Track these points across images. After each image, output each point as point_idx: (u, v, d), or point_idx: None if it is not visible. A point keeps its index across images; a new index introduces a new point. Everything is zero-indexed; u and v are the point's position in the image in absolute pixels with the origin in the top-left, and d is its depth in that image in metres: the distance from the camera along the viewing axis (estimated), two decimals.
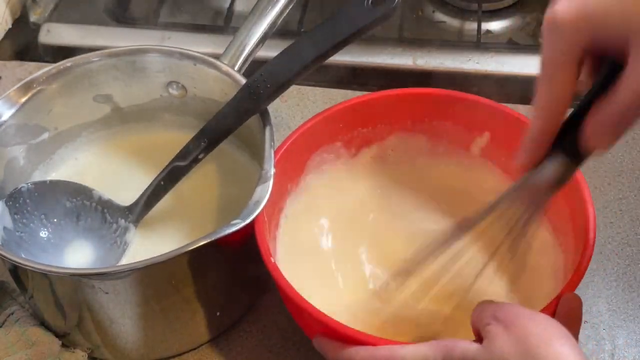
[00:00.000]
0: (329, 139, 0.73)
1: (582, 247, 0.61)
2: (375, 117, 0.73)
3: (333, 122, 0.72)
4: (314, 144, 0.72)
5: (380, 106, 0.73)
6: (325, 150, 0.73)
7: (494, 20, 0.98)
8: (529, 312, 0.52)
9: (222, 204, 0.75)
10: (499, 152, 0.72)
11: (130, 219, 0.72)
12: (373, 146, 0.75)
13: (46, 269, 0.63)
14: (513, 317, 0.51)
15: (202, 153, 0.70)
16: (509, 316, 0.52)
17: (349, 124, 0.73)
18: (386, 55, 0.93)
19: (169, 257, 0.60)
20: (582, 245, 0.61)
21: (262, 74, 0.68)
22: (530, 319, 0.51)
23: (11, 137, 0.72)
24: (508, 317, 0.51)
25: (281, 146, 0.69)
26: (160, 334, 0.68)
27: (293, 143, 0.69)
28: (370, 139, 0.75)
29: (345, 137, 0.74)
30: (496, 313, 0.52)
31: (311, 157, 0.73)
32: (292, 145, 0.69)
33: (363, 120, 0.73)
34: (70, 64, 0.74)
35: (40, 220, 0.71)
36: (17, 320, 0.69)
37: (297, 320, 0.65)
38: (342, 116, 0.72)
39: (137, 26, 0.99)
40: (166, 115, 0.79)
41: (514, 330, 0.50)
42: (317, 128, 0.71)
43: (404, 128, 0.74)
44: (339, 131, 0.73)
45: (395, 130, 0.74)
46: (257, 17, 0.74)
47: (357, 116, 0.73)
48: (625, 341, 0.69)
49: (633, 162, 0.82)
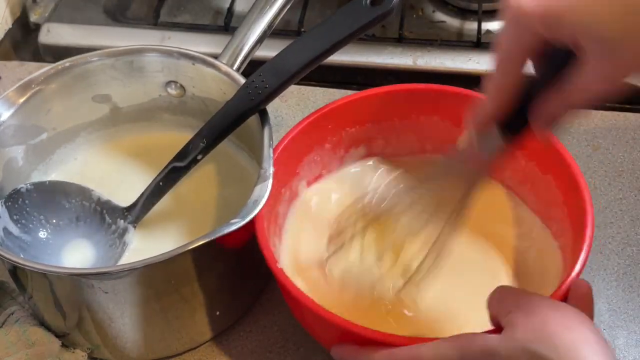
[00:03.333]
0: (318, 142, 0.73)
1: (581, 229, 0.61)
2: (363, 117, 0.73)
3: (321, 125, 0.72)
4: (304, 148, 0.72)
5: (366, 105, 0.73)
6: (317, 153, 0.73)
7: (494, 20, 0.98)
8: (549, 300, 0.53)
9: (221, 204, 0.74)
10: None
11: (129, 219, 0.72)
12: (361, 147, 0.75)
13: (46, 269, 0.63)
14: (534, 305, 0.52)
15: (201, 154, 0.70)
16: (530, 304, 0.52)
17: (337, 125, 0.73)
18: (386, 55, 0.93)
19: (169, 256, 0.60)
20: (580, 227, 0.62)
21: (261, 74, 0.68)
22: (551, 306, 0.52)
23: (10, 138, 0.72)
24: (530, 306, 0.52)
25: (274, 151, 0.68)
26: (160, 333, 0.68)
27: (284, 150, 0.69)
28: (358, 139, 0.75)
29: (333, 139, 0.74)
30: (519, 301, 0.52)
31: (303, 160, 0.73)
32: (282, 152, 0.69)
33: (351, 120, 0.73)
34: (69, 64, 0.74)
35: (39, 221, 0.71)
36: (17, 320, 0.69)
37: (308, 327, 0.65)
38: (329, 118, 0.72)
39: (137, 26, 0.99)
40: (165, 115, 0.79)
41: (534, 318, 0.51)
42: (306, 131, 0.71)
43: (391, 126, 0.74)
44: (327, 133, 0.73)
45: (383, 129, 0.74)
46: (256, 16, 0.74)
47: (345, 117, 0.73)
48: (625, 341, 0.69)
49: (633, 162, 0.81)
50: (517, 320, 0.51)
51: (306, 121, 0.71)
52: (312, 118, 0.71)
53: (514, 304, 0.53)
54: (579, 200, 0.64)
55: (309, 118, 0.71)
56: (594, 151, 0.82)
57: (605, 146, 0.83)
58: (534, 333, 0.50)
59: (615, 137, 0.84)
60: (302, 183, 0.74)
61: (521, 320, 0.51)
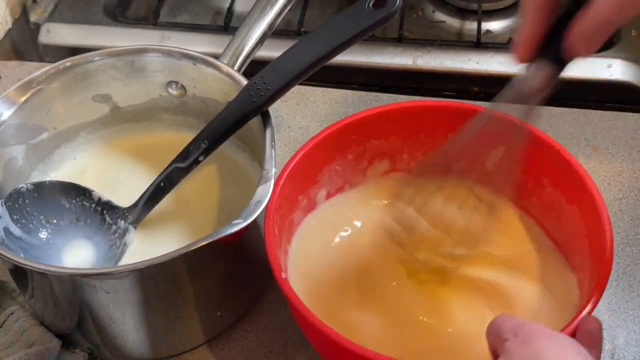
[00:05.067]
0: (340, 152, 0.72)
1: (600, 267, 0.60)
2: (388, 130, 0.72)
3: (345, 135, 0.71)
4: (325, 156, 0.71)
5: (393, 118, 0.71)
6: (338, 164, 0.72)
7: (494, 20, 0.98)
8: (548, 330, 0.52)
9: (222, 206, 0.74)
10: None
11: (130, 220, 0.72)
12: (385, 160, 0.74)
13: (46, 268, 0.63)
14: (531, 334, 0.51)
15: (202, 155, 0.70)
16: (528, 333, 0.51)
17: (361, 136, 0.72)
18: (386, 55, 0.93)
19: (171, 257, 0.60)
20: (599, 263, 0.60)
21: (263, 75, 0.68)
22: (549, 337, 0.51)
23: (10, 137, 0.72)
24: (527, 334, 0.51)
25: (294, 157, 0.67)
26: (161, 333, 0.68)
27: (303, 157, 0.68)
28: (382, 152, 0.73)
29: (357, 150, 0.72)
30: (516, 330, 0.52)
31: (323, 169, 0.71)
32: (302, 159, 0.68)
33: (375, 133, 0.72)
34: (69, 64, 0.74)
35: (39, 221, 0.71)
36: (17, 320, 0.69)
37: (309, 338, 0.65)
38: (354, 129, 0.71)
39: (137, 26, 0.99)
40: (165, 115, 0.79)
41: (530, 347, 0.50)
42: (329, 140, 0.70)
43: (417, 142, 0.73)
44: (350, 143, 0.72)
45: (409, 143, 0.73)
46: (256, 17, 0.74)
47: (369, 128, 0.71)
48: (625, 341, 0.69)
49: (633, 162, 0.82)
50: (513, 348, 0.51)
51: (329, 130, 0.70)
52: (335, 127, 0.70)
53: (511, 333, 0.52)
54: (600, 235, 0.62)
55: (332, 127, 0.70)
56: (594, 151, 0.82)
57: (605, 146, 0.83)
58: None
59: (615, 137, 0.84)
60: (322, 193, 0.72)
61: (517, 349, 0.50)
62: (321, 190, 0.72)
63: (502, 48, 0.92)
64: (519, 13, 0.57)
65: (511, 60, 0.58)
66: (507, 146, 0.62)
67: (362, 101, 0.88)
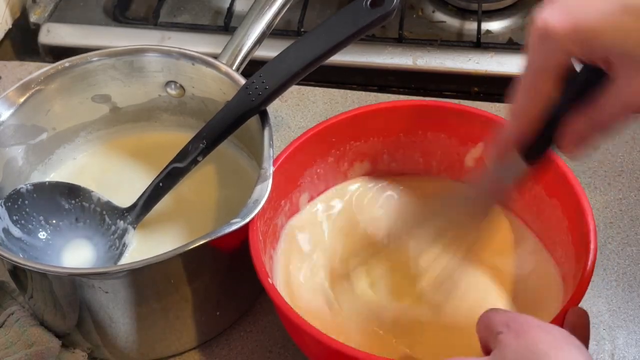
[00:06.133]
0: (321, 155, 0.72)
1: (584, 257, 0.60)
2: (368, 131, 0.72)
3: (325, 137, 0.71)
4: (306, 159, 0.71)
5: (372, 119, 0.71)
6: (319, 166, 0.72)
7: (494, 20, 0.98)
8: (538, 321, 0.52)
9: (221, 205, 0.74)
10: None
11: (129, 220, 0.72)
12: (365, 161, 0.74)
13: (46, 269, 0.63)
14: (525, 325, 0.51)
15: (201, 155, 0.70)
16: (521, 325, 0.51)
17: (341, 138, 0.72)
18: (386, 55, 0.92)
19: (170, 256, 0.60)
20: (583, 256, 0.60)
21: (261, 74, 0.68)
22: (542, 328, 0.51)
23: (10, 138, 0.72)
24: (520, 326, 0.51)
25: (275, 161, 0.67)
26: (160, 333, 0.68)
27: (285, 161, 0.68)
28: (363, 153, 0.73)
29: (337, 152, 0.72)
30: (509, 322, 0.52)
31: (304, 173, 0.71)
32: (283, 162, 0.68)
33: (356, 134, 0.72)
34: (69, 64, 0.74)
35: (38, 222, 0.71)
36: (17, 320, 0.69)
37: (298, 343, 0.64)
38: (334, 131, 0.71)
39: (136, 26, 0.99)
40: (164, 115, 0.79)
41: (524, 338, 0.50)
42: (309, 143, 0.70)
43: (397, 142, 0.73)
44: (331, 146, 0.72)
45: (389, 143, 0.73)
46: (255, 16, 0.74)
47: (349, 130, 0.72)
48: (625, 341, 0.69)
49: (633, 162, 0.81)
50: (507, 340, 0.51)
51: (309, 133, 0.70)
52: (315, 130, 0.70)
53: (503, 325, 0.52)
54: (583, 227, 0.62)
55: (312, 130, 0.70)
56: (594, 151, 0.82)
57: (605, 146, 0.83)
58: (523, 353, 0.49)
59: (615, 137, 0.83)
60: (304, 196, 0.72)
61: (511, 340, 0.50)
62: (303, 194, 0.72)
63: (502, 48, 0.92)
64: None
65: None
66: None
67: (362, 101, 0.88)
